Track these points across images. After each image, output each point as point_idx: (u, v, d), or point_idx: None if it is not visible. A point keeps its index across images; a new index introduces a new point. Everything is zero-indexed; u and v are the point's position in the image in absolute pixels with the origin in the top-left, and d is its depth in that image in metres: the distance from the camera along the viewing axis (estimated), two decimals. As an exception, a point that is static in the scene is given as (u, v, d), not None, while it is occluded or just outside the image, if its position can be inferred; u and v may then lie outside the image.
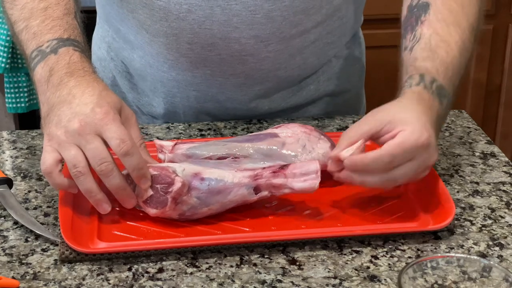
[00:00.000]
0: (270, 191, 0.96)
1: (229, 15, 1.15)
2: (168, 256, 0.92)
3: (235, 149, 1.03)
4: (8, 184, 1.05)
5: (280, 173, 0.96)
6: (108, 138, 0.94)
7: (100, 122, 0.94)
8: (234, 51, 1.18)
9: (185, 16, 1.16)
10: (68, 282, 0.88)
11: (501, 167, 1.13)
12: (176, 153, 1.04)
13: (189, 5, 1.15)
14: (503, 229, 0.98)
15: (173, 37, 1.18)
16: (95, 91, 0.98)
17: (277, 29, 1.17)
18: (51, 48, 1.03)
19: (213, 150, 1.04)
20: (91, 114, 0.95)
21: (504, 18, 2.40)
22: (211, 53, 1.19)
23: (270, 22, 1.16)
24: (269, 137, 1.05)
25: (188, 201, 0.94)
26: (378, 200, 1.02)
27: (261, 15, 1.15)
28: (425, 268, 0.80)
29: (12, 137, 1.21)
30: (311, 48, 1.23)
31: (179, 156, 1.03)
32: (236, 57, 1.19)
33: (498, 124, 2.53)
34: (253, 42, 1.18)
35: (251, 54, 1.19)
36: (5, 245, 0.94)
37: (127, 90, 1.32)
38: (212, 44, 1.18)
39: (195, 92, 1.25)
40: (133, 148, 0.94)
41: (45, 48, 1.03)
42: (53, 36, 1.04)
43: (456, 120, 1.27)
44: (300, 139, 1.05)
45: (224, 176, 0.96)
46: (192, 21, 1.16)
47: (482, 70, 2.44)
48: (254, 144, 1.04)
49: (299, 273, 0.89)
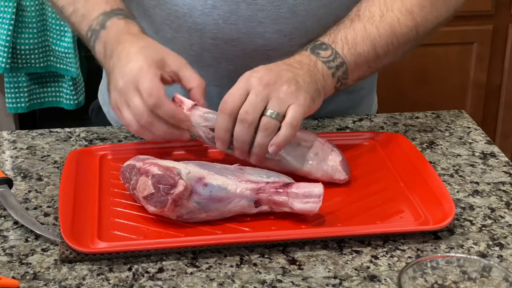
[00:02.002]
0: (271, 206, 0.97)
1: (254, 10, 1.16)
2: (168, 256, 0.92)
3: None
4: (8, 184, 1.05)
5: (283, 191, 0.96)
6: (141, 92, 1.01)
7: (135, 77, 1.02)
8: (258, 46, 1.19)
9: (210, 11, 1.16)
10: (68, 282, 0.88)
11: (501, 167, 1.13)
12: (193, 113, 1.05)
13: (214, 1, 1.15)
14: (503, 229, 0.98)
15: (197, 33, 1.18)
16: (136, 49, 1.05)
17: (300, 23, 1.18)
18: (99, 24, 1.11)
19: None
20: (128, 72, 1.03)
21: (504, 18, 2.40)
22: (235, 48, 1.19)
23: (294, 17, 1.17)
24: None
25: (187, 205, 0.94)
26: (378, 200, 1.02)
27: (285, 9, 1.16)
28: (425, 268, 0.80)
29: (12, 137, 1.21)
30: None
31: (196, 117, 1.05)
32: (259, 52, 1.19)
33: (498, 124, 2.53)
34: (277, 37, 1.18)
35: (275, 48, 1.19)
36: (5, 245, 0.94)
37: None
38: (237, 39, 1.18)
39: (217, 88, 1.24)
40: (160, 99, 1.00)
41: (95, 26, 1.11)
42: (98, 13, 1.12)
43: (456, 120, 1.27)
44: (314, 146, 1.05)
45: (228, 185, 0.96)
46: (217, 16, 1.16)
47: (482, 70, 2.43)
48: None
49: (299, 273, 0.89)
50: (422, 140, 1.20)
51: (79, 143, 1.19)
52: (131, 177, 0.98)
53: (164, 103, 1.01)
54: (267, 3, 1.16)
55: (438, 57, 2.37)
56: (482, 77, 2.44)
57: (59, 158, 1.14)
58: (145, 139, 1.06)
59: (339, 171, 1.04)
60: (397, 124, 1.25)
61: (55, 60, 2.15)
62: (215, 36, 1.18)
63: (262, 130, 1.00)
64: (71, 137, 1.21)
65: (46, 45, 2.13)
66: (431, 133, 1.22)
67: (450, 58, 2.39)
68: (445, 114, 1.29)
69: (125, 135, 1.21)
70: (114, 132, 1.22)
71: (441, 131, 1.23)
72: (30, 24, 2.10)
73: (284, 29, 1.18)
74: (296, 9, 1.17)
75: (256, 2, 1.15)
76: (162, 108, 1.01)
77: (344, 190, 1.04)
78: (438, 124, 1.26)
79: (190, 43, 1.20)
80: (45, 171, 1.11)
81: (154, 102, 1.00)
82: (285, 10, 1.17)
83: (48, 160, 1.14)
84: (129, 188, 0.99)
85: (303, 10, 1.17)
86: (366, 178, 1.07)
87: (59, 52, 2.11)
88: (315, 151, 1.05)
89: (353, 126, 1.24)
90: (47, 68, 2.17)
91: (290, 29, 1.18)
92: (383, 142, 1.16)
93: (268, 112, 1.00)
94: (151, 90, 1.00)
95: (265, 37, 1.18)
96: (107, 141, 1.20)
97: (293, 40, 1.20)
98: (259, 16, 1.16)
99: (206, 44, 1.19)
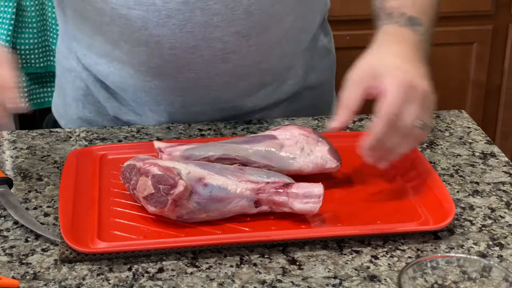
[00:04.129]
0: (271, 207, 0.97)
1: (209, 15, 1.15)
2: (168, 256, 0.92)
3: (233, 151, 1.03)
4: (8, 184, 1.05)
5: (283, 191, 0.96)
6: None
7: None
8: (217, 50, 1.18)
9: (165, 22, 1.16)
10: (68, 282, 0.88)
11: (501, 167, 1.13)
12: (174, 155, 1.04)
13: (168, 11, 1.15)
14: (503, 229, 0.98)
15: (155, 44, 1.18)
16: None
17: (256, 22, 1.18)
18: None
19: (211, 151, 1.04)
20: None
21: (504, 18, 2.40)
22: (194, 55, 1.18)
23: (249, 17, 1.17)
24: (267, 139, 1.05)
25: (187, 205, 0.94)
26: (378, 200, 1.02)
27: (240, 10, 1.16)
28: (425, 268, 0.80)
29: (12, 137, 1.21)
30: (287, 37, 1.25)
31: (177, 158, 1.03)
32: (219, 56, 1.19)
33: (498, 124, 2.53)
34: (235, 39, 1.18)
35: (234, 51, 1.19)
36: (5, 245, 0.94)
37: (104, 100, 1.31)
38: (194, 46, 1.18)
39: (180, 97, 1.24)
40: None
41: None
42: None
43: (456, 120, 1.27)
44: (298, 141, 1.05)
45: (228, 185, 0.96)
46: (172, 26, 1.16)
47: (482, 70, 2.43)
48: (252, 145, 1.04)
49: (299, 273, 0.89)
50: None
51: (79, 143, 1.19)
52: (131, 177, 0.98)
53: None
54: (222, 6, 1.15)
55: (438, 57, 2.37)
56: (482, 77, 2.44)
57: (59, 158, 1.14)
58: None
59: (330, 160, 1.04)
60: (397, 124, 1.25)
61: (55, 60, 2.15)
62: (173, 46, 1.18)
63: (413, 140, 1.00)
64: (71, 137, 1.21)
65: (46, 45, 2.13)
66: (431, 133, 1.22)
67: (450, 58, 2.38)
68: (445, 114, 1.29)
69: (125, 135, 1.21)
70: (114, 132, 1.22)
71: (441, 131, 1.23)
72: (30, 24, 2.09)
73: (241, 30, 1.18)
74: (251, 9, 1.17)
75: (211, 7, 1.15)
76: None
77: (344, 190, 1.04)
78: (438, 124, 1.25)
79: (149, 55, 1.19)
80: (45, 171, 1.11)
81: None
82: (240, 11, 1.16)
83: (48, 160, 1.14)
84: (129, 188, 0.99)
85: (258, 9, 1.17)
86: (366, 178, 1.07)
87: (59, 52, 2.11)
88: (300, 146, 1.04)
89: (353, 126, 1.24)
90: (47, 68, 2.17)
91: (247, 30, 1.18)
92: (383, 142, 1.16)
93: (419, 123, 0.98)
94: None
95: (223, 40, 1.18)
96: (107, 141, 1.20)
97: (251, 40, 1.19)
98: (215, 20, 1.16)
99: (165, 54, 1.19)
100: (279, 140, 1.05)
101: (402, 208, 1.00)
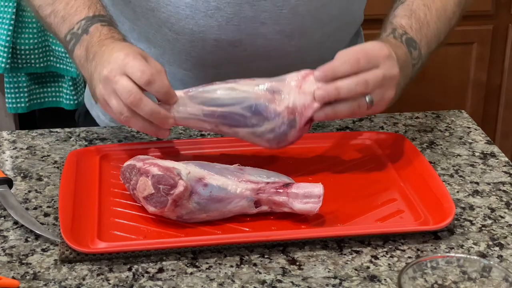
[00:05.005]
0: (270, 207, 0.97)
1: (257, 11, 1.16)
2: (168, 256, 0.92)
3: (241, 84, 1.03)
4: (8, 184, 1.05)
5: (283, 191, 0.96)
6: (130, 74, 0.99)
7: (122, 62, 1.00)
8: (260, 46, 1.19)
9: (213, 13, 1.16)
10: (68, 282, 0.88)
11: (501, 167, 1.13)
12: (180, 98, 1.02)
13: (218, 2, 1.15)
14: (503, 229, 0.98)
15: (200, 35, 1.18)
16: (120, 46, 1.04)
17: (301, 23, 1.19)
18: (82, 29, 1.10)
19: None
20: (113, 60, 1.01)
21: (504, 18, 2.40)
22: (237, 49, 1.19)
23: (295, 17, 1.18)
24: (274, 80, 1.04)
25: (187, 205, 0.94)
26: (378, 200, 1.02)
27: (287, 10, 1.17)
28: (425, 268, 0.80)
29: (12, 137, 1.21)
30: (327, 44, 1.25)
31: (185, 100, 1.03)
32: (261, 53, 1.20)
33: (498, 124, 2.53)
34: (278, 37, 1.19)
35: (276, 49, 1.20)
36: (5, 245, 0.94)
37: None
38: (239, 40, 1.18)
39: None
40: (154, 75, 0.99)
41: (76, 30, 1.10)
42: (80, 17, 1.11)
43: (456, 120, 1.27)
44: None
45: (228, 185, 0.96)
46: (219, 18, 1.16)
47: (482, 70, 2.43)
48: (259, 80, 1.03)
49: (299, 273, 0.89)
50: (422, 140, 1.20)
51: (79, 143, 1.19)
52: (131, 177, 0.98)
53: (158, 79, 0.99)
54: (270, 4, 1.16)
55: (438, 57, 2.36)
56: (482, 77, 2.44)
57: (59, 158, 1.14)
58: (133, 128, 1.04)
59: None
60: (397, 124, 1.25)
61: (55, 60, 2.14)
62: (218, 38, 1.18)
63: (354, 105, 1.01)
64: (71, 137, 1.21)
65: (46, 45, 2.13)
66: (431, 133, 1.22)
67: (450, 58, 2.38)
68: (445, 114, 1.29)
69: (125, 135, 1.21)
70: (114, 132, 1.22)
71: (441, 131, 1.23)
72: (30, 24, 2.09)
73: (285, 29, 1.18)
74: (298, 10, 1.17)
75: (259, 3, 1.16)
76: (157, 83, 0.99)
77: (344, 190, 1.04)
78: (438, 124, 1.26)
79: (192, 45, 1.20)
80: (45, 171, 1.11)
81: (148, 78, 0.98)
82: (287, 10, 1.17)
83: (48, 160, 1.14)
84: (129, 188, 0.99)
85: (304, 10, 1.18)
86: (366, 178, 1.07)
87: (59, 52, 2.11)
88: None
89: (353, 126, 1.24)
90: (47, 68, 2.17)
91: (290, 30, 1.19)
92: (383, 142, 1.16)
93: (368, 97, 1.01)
94: (144, 67, 0.98)
95: (266, 37, 1.18)
96: (107, 141, 1.20)
97: (293, 41, 1.20)
98: (261, 17, 1.16)
99: (208, 45, 1.19)
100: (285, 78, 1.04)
101: (402, 208, 1.00)
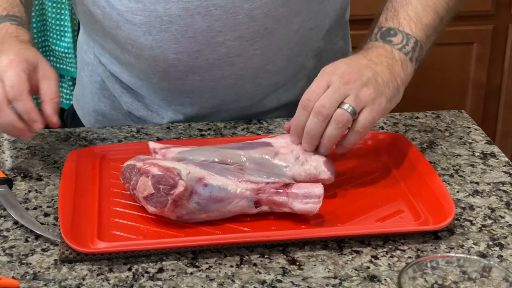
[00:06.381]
0: (271, 207, 0.97)
1: (210, 21, 1.15)
2: (168, 256, 0.92)
3: (227, 156, 1.03)
4: (8, 184, 1.05)
5: (283, 192, 0.96)
6: (3, 83, 1.03)
7: (4, 68, 1.03)
8: (221, 54, 1.18)
9: (167, 27, 1.16)
10: (68, 282, 0.88)
11: (501, 167, 1.12)
12: (167, 157, 1.03)
13: (169, 17, 1.15)
14: (503, 229, 0.98)
15: (159, 49, 1.18)
16: (15, 48, 1.06)
17: (260, 26, 1.17)
18: None
19: (204, 156, 1.03)
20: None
21: (504, 18, 2.40)
22: (198, 59, 1.19)
23: (252, 21, 1.16)
24: (262, 145, 1.05)
25: (187, 205, 0.94)
26: (378, 200, 1.02)
27: (242, 15, 1.16)
28: (425, 268, 0.80)
29: (12, 137, 1.21)
30: (296, 37, 1.23)
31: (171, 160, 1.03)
32: (223, 60, 1.19)
33: (498, 124, 2.53)
34: (238, 43, 1.18)
35: (238, 55, 1.19)
36: (5, 245, 0.94)
37: (119, 95, 1.32)
38: (198, 51, 1.18)
39: (188, 99, 1.25)
40: (21, 94, 1.02)
41: None
42: None
43: (456, 120, 1.27)
44: (294, 150, 1.04)
45: (228, 185, 0.96)
46: (174, 32, 1.16)
47: (482, 70, 2.43)
48: (247, 151, 1.04)
49: (299, 273, 0.89)
50: (422, 140, 1.20)
51: (79, 143, 1.19)
52: (131, 177, 0.98)
53: (24, 99, 1.03)
54: (222, 12, 1.15)
55: (438, 57, 2.37)
56: (482, 77, 2.44)
57: (59, 158, 1.14)
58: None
59: (323, 171, 1.02)
60: (397, 124, 1.25)
61: (55, 60, 2.14)
62: (177, 51, 1.18)
63: (334, 122, 0.99)
64: (71, 137, 1.21)
65: (46, 45, 2.13)
66: (431, 133, 1.22)
67: (450, 58, 2.38)
68: (445, 114, 1.29)
69: (125, 135, 1.21)
70: (114, 132, 1.22)
71: (441, 131, 1.23)
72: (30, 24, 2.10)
73: (244, 35, 1.17)
74: (253, 14, 1.16)
75: (211, 12, 1.15)
76: (20, 103, 1.02)
77: (344, 190, 1.04)
78: (438, 124, 1.26)
79: (154, 60, 1.20)
80: (45, 171, 1.11)
81: (14, 95, 1.02)
82: (242, 16, 1.16)
83: (48, 160, 1.14)
84: (129, 188, 0.99)
85: (260, 13, 1.16)
86: (366, 178, 1.07)
87: (59, 52, 2.11)
88: (295, 155, 1.03)
89: (353, 126, 1.24)
90: (47, 68, 2.17)
91: (250, 34, 1.18)
92: (383, 142, 1.16)
93: (345, 105, 0.99)
94: (14, 83, 1.02)
95: (226, 45, 1.17)
96: (107, 141, 1.20)
97: (256, 44, 1.19)
98: (216, 25, 1.16)
99: (170, 59, 1.19)
100: (274, 148, 1.04)
101: (402, 208, 1.00)
